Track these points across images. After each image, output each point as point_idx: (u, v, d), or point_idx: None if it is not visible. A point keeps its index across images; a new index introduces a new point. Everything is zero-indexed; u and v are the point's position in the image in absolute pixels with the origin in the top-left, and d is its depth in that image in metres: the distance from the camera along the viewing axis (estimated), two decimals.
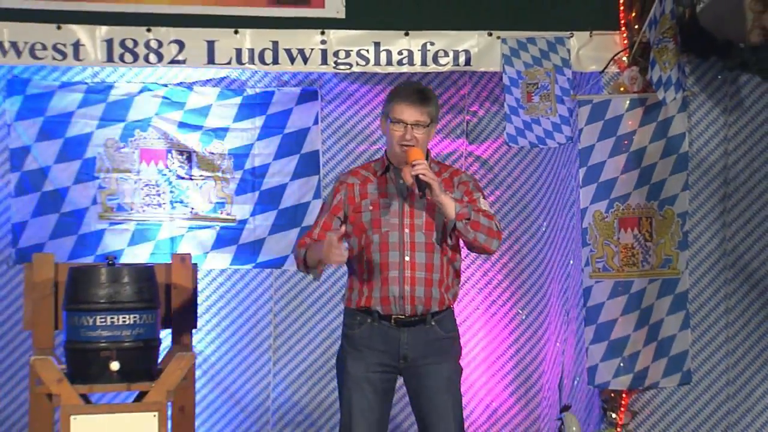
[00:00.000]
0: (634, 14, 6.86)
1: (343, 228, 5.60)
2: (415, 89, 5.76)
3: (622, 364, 6.89)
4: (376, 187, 5.73)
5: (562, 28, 6.84)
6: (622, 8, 6.90)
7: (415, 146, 5.60)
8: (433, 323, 5.72)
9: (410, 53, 6.86)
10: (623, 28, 6.86)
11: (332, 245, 5.47)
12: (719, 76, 7.01)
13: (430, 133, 5.77)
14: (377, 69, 6.91)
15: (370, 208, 5.75)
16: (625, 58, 6.87)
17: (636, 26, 6.80)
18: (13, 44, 6.57)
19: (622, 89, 6.89)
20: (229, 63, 6.83)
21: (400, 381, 5.89)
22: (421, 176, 5.48)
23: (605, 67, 6.88)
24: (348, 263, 5.75)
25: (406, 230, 5.69)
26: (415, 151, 5.55)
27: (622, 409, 6.92)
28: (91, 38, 6.65)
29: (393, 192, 5.70)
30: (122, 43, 6.69)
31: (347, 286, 5.89)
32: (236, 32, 6.74)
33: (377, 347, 5.72)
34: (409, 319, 5.70)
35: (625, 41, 6.85)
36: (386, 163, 5.73)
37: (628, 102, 6.87)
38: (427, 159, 5.71)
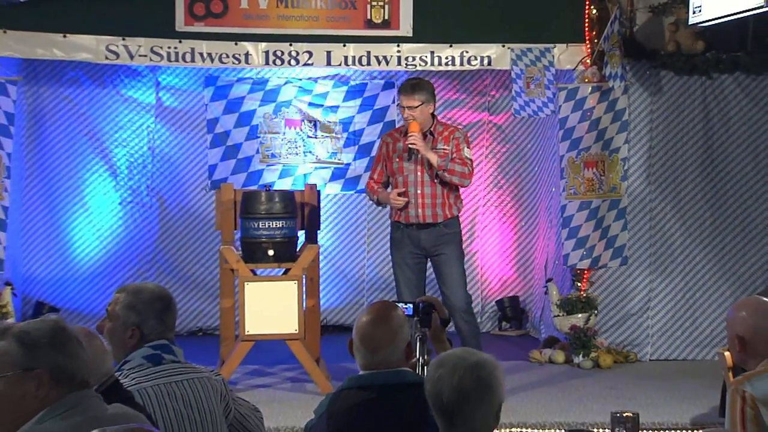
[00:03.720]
0: (594, 33, 6.77)
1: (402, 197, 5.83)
2: (408, 84, 5.88)
3: (584, 252, 6.92)
4: (402, 145, 5.85)
5: (549, 41, 6.80)
6: (587, 29, 6.80)
7: (414, 120, 5.71)
8: (441, 226, 5.83)
9: (453, 58, 6.78)
10: (587, 42, 6.82)
11: (396, 200, 5.83)
12: (647, 72, 6.97)
13: (425, 110, 5.76)
14: (432, 68, 6.88)
15: (397, 159, 5.87)
16: (588, 61, 6.81)
17: (595, 40, 6.74)
18: (209, 54, 6.62)
19: (586, 80, 6.87)
20: (340, 65, 6.82)
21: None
22: (411, 146, 5.69)
23: (576, 66, 6.85)
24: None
25: (418, 173, 5.81)
26: (412, 125, 5.73)
27: (584, 280, 6.97)
28: (255, 50, 6.65)
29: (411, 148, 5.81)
30: (274, 53, 6.68)
31: (390, 209, 6.01)
32: (344, 45, 6.70)
33: (406, 242, 5.88)
34: (424, 225, 5.83)
35: (589, 50, 6.81)
36: (406, 128, 5.85)
37: (590, 88, 6.87)
38: (433, 122, 5.82)
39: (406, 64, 6.83)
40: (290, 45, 6.72)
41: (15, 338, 2.39)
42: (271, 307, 5.88)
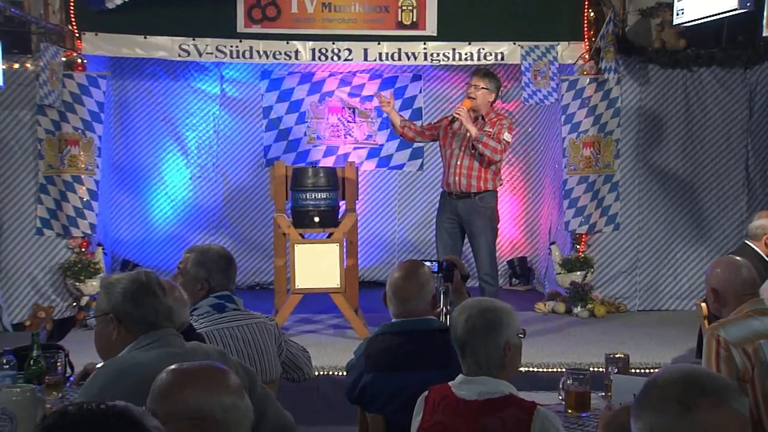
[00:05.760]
0: (592, 32, 6.73)
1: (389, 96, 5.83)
2: (482, 69, 5.83)
3: (582, 219, 6.88)
4: (454, 120, 5.72)
5: (553, 40, 6.74)
6: (585, 29, 6.75)
7: (474, 99, 5.62)
8: (476, 198, 5.69)
9: (471, 54, 6.72)
10: (586, 40, 6.77)
11: (382, 99, 5.76)
12: (637, 66, 6.89)
13: (485, 95, 5.67)
14: (453, 63, 6.81)
15: (449, 134, 5.79)
16: (587, 56, 6.76)
17: (593, 39, 6.70)
18: (265, 52, 6.61)
19: (585, 73, 6.79)
20: (375, 60, 6.75)
21: None
22: (455, 114, 5.59)
23: (576, 61, 6.80)
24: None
25: (462, 147, 5.70)
26: (464, 102, 5.64)
27: (583, 243, 6.93)
28: (304, 48, 6.63)
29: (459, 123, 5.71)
30: (319, 50, 6.65)
31: (441, 178, 5.90)
32: (379, 43, 6.68)
33: (446, 209, 5.79)
34: (461, 195, 5.74)
35: (587, 47, 6.77)
36: None
37: (588, 80, 6.78)
38: (487, 109, 5.70)
39: (431, 59, 6.78)
40: (333, 43, 6.70)
41: (103, 288, 2.57)
42: (317, 265, 5.89)
